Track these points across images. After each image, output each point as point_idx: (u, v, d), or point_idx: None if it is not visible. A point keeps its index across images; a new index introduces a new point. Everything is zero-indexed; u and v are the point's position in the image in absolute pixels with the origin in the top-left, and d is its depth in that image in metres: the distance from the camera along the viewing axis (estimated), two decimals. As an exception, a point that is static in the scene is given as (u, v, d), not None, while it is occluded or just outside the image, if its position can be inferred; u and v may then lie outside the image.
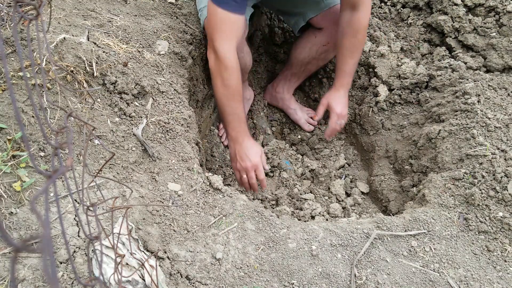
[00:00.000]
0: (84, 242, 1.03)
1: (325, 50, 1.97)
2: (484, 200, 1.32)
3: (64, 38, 1.34)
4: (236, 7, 1.49)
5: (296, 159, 2.07)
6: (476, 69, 1.81)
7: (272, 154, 2.00)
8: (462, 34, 1.90)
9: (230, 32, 1.53)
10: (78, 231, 1.04)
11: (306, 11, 1.90)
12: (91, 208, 0.66)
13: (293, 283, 1.12)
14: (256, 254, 1.17)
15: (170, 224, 1.18)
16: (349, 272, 1.16)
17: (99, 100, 1.35)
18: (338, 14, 1.79)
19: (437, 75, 1.81)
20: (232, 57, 1.54)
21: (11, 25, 1.31)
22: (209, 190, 1.32)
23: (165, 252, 1.11)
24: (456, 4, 1.93)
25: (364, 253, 1.21)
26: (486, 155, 1.42)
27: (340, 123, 1.83)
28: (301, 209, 1.74)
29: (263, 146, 2.12)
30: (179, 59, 1.68)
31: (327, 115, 2.25)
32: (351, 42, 1.73)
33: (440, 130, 1.61)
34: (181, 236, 1.16)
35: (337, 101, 1.80)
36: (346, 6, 1.69)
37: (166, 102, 1.48)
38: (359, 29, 1.71)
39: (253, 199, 1.76)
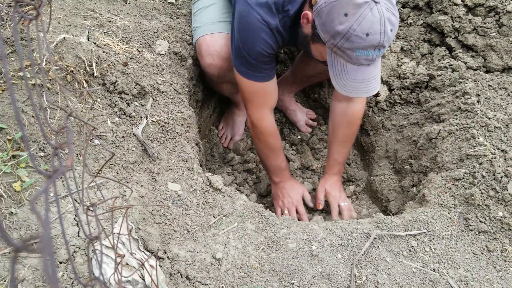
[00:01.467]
0: (84, 242, 1.03)
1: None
2: (484, 200, 1.32)
3: (64, 38, 1.34)
4: (264, 77, 1.49)
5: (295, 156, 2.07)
6: (476, 69, 1.81)
7: None
8: (462, 34, 1.90)
9: (261, 101, 1.57)
10: (78, 231, 1.04)
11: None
12: (91, 208, 0.66)
13: (293, 283, 1.12)
14: (256, 254, 1.17)
15: (170, 224, 1.18)
16: (349, 272, 1.16)
17: (99, 100, 1.35)
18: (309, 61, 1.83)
19: (437, 75, 1.81)
20: (267, 123, 1.61)
21: (11, 25, 1.31)
22: (209, 190, 1.32)
23: (165, 252, 1.11)
24: (456, 4, 1.93)
25: (364, 253, 1.21)
26: (486, 155, 1.42)
27: (344, 204, 1.73)
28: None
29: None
30: (179, 59, 1.68)
31: (326, 115, 2.25)
32: (344, 133, 1.70)
33: (440, 130, 1.61)
34: (181, 236, 1.16)
35: (332, 186, 1.76)
36: (342, 97, 1.63)
37: (166, 102, 1.48)
38: (354, 120, 1.67)
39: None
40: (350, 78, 1.24)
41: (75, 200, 1.08)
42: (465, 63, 1.83)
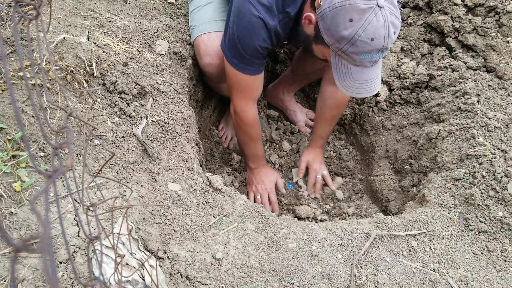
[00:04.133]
0: (84, 242, 1.03)
1: (328, 65, 1.97)
2: (484, 200, 1.32)
3: (64, 38, 1.34)
4: (254, 71, 1.50)
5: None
6: (476, 69, 1.81)
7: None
8: (462, 34, 1.90)
9: (247, 93, 1.60)
10: (78, 231, 1.04)
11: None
12: (91, 208, 0.66)
13: (293, 283, 1.12)
14: (256, 254, 1.17)
15: (170, 224, 1.18)
16: (349, 272, 1.16)
17: (99, 100, 1.35)
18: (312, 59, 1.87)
19: (437, 75, 1.81)
20: (248, 114, 1.66)
21: (11, 25, 1.31)
22: (209, 190, 1.32)
23: (165, 252, 1.11)
24: (456, 4, 1.93)
25: (364, 253, 1.21)
26: (486, 155, 1.42)
27: (320, 176, 1.92)
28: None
29: (263, 145, 2.11)
30: (179, 59, 1.68)
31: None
32: (332, 114, 1.83)
33: (440, 130, 1.61)
34: (181, 236, 1.16)
35: (315, 159, 1.93)
36: (332, 81, 1.66)
37: (166, 102, 1.48)
38: (342, 104, 1.79)
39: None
40: (354, 79, 1.26)
41: (75, 200, 1.08)
42: (465, 63, 1.83)
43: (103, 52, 1.42)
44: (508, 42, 1.79)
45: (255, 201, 1.80)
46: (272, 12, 1.34)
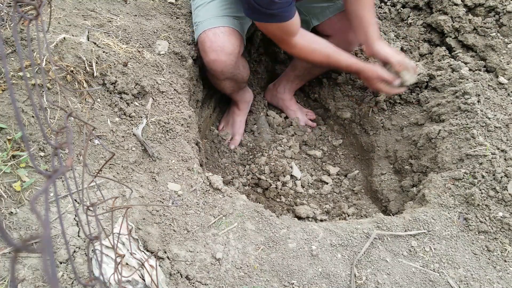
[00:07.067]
0: (84, 242, 1.03)
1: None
2: (484, 200, 1.32)
3: (64, 38, 1.34)
4: (288, 15, 1.50)
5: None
6: (476, 69, 1.81)
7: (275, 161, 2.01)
8: (462, 34, 1.90)
9: (293, 32, 1.58)
10: (78, 231, 1.04)
11: (310, 18, 1.89)
12: (91, 208, 0.66)
13: (293, 283, 1.12)
14: (256, 254, 1.17)
15: (170, 224, 1.18)
16: (349, 272, 1.16)
17: (99, 100, 1.35)
18: (344, 21, 1.77)
19: (437, 75, 1.81)
20: (307, 42, 1.62)
21: (11, 25, 1.31)
22: (209, 190, 1.32)
23: (165, 252, 1.11)
24: (456, 4, 1.93)
25: (364, 253, 1.21)
26: (486, 155, 1.42)
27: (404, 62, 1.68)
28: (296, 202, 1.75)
29: (263, 144, 2.12)
30: (179, 59, 1.68)
31: (326, 115, 2.25)
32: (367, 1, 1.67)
33: (440, 130, 1.61)
34: (181, 236, 1.16)
35: (389, 49, 1.70)
36: None
37: (166, 102, 1.48)
38: None
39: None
40: None
41: (75, 200, 1.08)
42: (465, 63, 1.83)
43: (103, 52, 1.42)
44: (506, 43, 1.79)
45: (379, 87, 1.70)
46: None
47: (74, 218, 1.06)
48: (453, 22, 1.93)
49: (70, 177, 1.11)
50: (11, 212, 1.01)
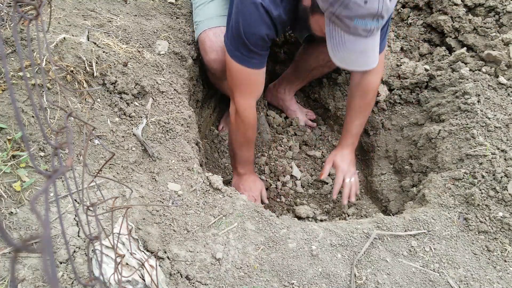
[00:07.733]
0: (84, 242, 1.03)
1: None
2: (484, 200, 1.32)
3: (64, 38, 1.34)
4: (257, 64, 1.47)
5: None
6: (476, 70, 1.81)
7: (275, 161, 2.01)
8: (462, 34, 1.90)
9: (250, 89, 1.55)
10: (78, 231, 1.04)
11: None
12: (91, 208, 0.66)
13: (293, 283, 1.12)
14: (256, 254, 1.17)
15: (170, 224, 1.18)
16: (349, 272, 1.16)
17: (99, 100, 1.35)
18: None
19: (437, 75, 1.81)
20: (250, 114, 1.61)
21: (11, 25, 1.31)
22: (209, 190, 1.32)
23: (165, 252, 1.11)
24: (456, 4, 1.93)
25: (364, 253, 1.21)
26: (486, 155, 1.42)
27: (350, 180, 1.73)
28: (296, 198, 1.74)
29: (263, 145, 2.12)
30: (179, 59, 1.68)
31: (326, 115, 2.25)
32: (359, 104, 1.69)
33: (440, 130, 1.61)
34: (181, 236, 1.16)
35: (342, 158, 1.74)
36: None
37: (166, 102, 1.48)
38: (369, 91, 1.66)
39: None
40: (348, 49, 1.22)
41: (75, 200, 1.08)
42: (465, 63, 1.83)
43: (103, 52, 1.42)
44: (503, 41, 1.79)
45: None
46: (275, 1, 1.33)
47: (74, 218, 1.06)
48: (453, 22, 1.93)
49: (70, 177, 1.11)
50: (11, 212, 1.01)
